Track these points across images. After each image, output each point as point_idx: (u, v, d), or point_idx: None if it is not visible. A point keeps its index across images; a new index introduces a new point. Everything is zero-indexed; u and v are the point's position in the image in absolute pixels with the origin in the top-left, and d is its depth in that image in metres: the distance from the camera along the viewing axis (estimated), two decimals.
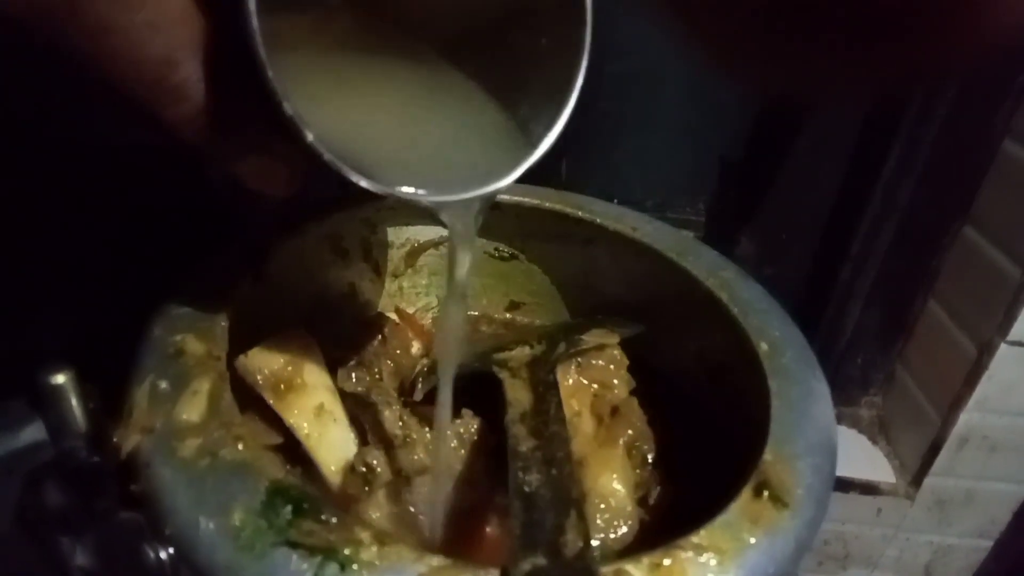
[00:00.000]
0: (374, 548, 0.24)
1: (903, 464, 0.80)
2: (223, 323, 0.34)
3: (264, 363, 0.35)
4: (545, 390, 0.36)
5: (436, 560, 0.23)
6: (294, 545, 0.24)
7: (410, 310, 0.51)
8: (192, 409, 0.28)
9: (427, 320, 0.50)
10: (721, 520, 0.26)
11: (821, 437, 0.31)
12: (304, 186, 0.39)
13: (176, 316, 0.34)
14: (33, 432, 0.26)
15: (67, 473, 0.26)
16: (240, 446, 0.27)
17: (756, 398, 0.33)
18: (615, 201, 0.49)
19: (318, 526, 0.24)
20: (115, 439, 0.27)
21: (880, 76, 0.23)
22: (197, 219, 0.47)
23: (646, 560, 0.24)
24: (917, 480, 0.77)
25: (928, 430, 0.75)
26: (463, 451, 0.37)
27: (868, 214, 0.70)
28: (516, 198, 0.47)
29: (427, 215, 0.33)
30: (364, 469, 0.34)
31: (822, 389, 0.34)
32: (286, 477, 0.26)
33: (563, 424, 0.33)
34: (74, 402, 0.26)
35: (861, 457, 0.80)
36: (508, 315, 0.52)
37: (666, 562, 0.24)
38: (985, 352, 0.68)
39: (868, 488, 0.78)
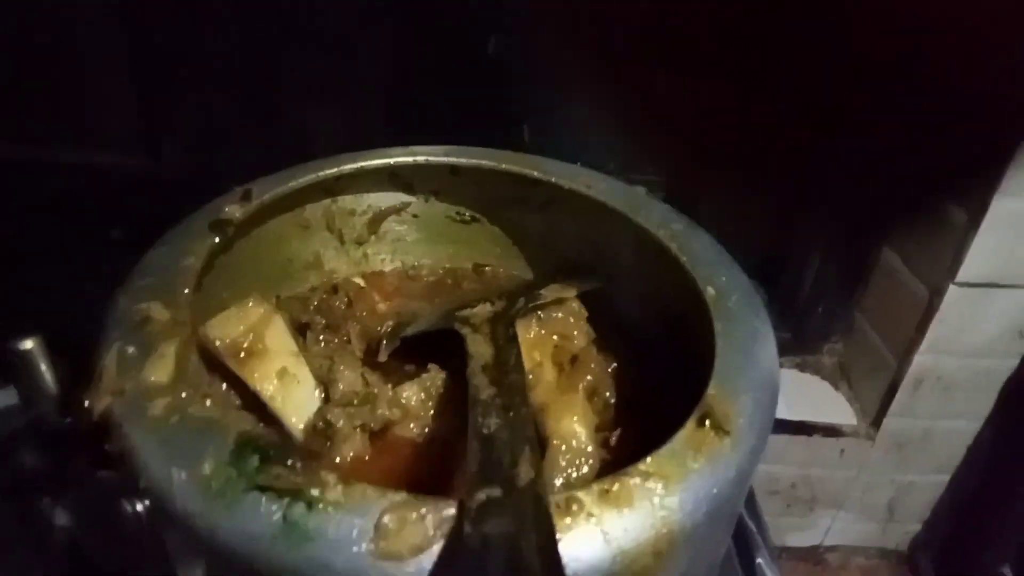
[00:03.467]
0: (339, 488, 0.25)
1: (863, 407, 0.83)
2: (186, 291, 0.35)
3: (224, 331, 0.36)
4: (505, 343, 0.37)
5: (398, 496, 0.25)
6: (263, 489, 0.25)
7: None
8: (160, 371, 0.29)
9: (392, 282, 0.51)
10: (666, 449, 0.28)
11: (763, 373, 0.33)
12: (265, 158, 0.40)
13: (141, 287, 0.34)
14: (4, 399, 0.27)
15: (41, 436, 0.27)
16: (208, 403, 0.28)
17: (705, 340, 0.35)
18: (578, 164, 0.50)
19: (285, 471, 0.26)
20: (86, 403, 0.28)
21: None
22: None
23: (596, 487, 0.26)
24: (877, 421, 0.81)
25: (886, 373, 0.78)
26: (430, 403, 0.38)
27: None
28: (474, 161, 0.48)
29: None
30: (323, 425, 0.35)
31: (765, 330, 0.36)
32: (253, 429, 0.27)
33: (522, 373, 0.35)
34: (43, 367, 0.27)
35: (823, 402, 0.84)
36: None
37: (615, 488, 0.26)
38: (936, 295, 0.70)
39: (830, 431, 0.81)
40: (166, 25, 0.64)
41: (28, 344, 0.26)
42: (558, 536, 0.24)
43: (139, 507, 0.26)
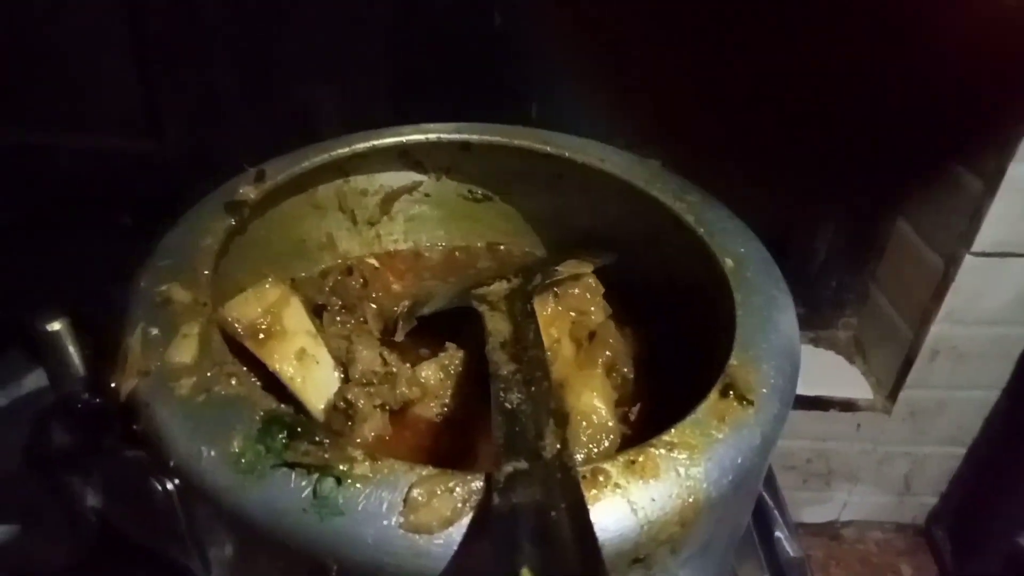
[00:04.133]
0: (367, 463, 0.25)
1: (879, 380, 0.83)
2: (206, 272, 0.35)
3: (242, 313, 0.36)
4: (523, 319, 0.37)
5: (425, 470, 0.25)
6: (292, 465, 0.25)
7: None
8: (184, 351, 0.30)
9: (406, 261, 0.51)
10: (691, 419, 0.28)
11: (783, 341, 0.33)
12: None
13: (161, 268, 0.35)
14: (35, 380, 0.27)
15: (71, 415, 0.27)
16: (233, 381, 0.28)
17: (724, 311, 0.35)
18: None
19: (313, 447, 0.26)
20: (113, 384, 0.29)
21: None
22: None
23: (621, 459, 0.26)
24: (893, 394, 0.81)
25: (901, 345, 0.78)
26: (448, 382, 0.39)
27: None
28: (485, 137, 0.48)
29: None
30: (344, 405, 0.35)
31: (784, 299, 0.36)
32: (279, 407, 0.27)
33: (541, 348, 0.35)
34: (71, 348, 0.27)
35: (838, 376, 0.83)
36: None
37: (640, 459, 0.26)
38: (951, 264, 0.70)
39: (846, 405, 0.81)
40: (166, 5, 0.64)
41: (56, 325, 0.26)
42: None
43: (168, 485, 0.27)
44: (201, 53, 0.64)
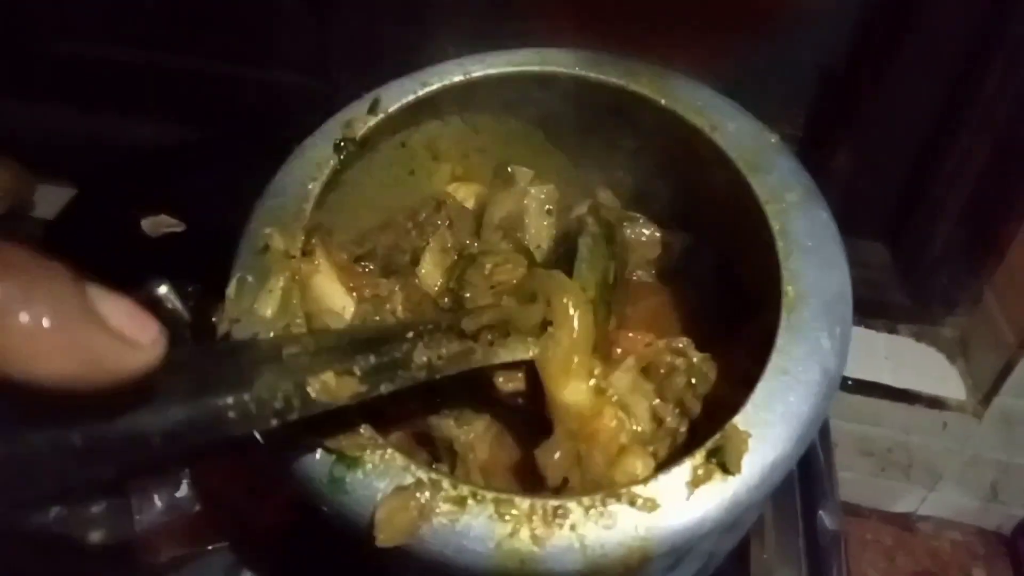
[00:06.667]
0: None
1: (976, 383, 0.78)
2: (304, 216, 0.39)
3: None
4: None
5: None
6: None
7: None
8: (267, 305, 0.36)
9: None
10: (665, 477, 0.30)
11: (802, 407, 0.32)
12: None
13: (269, 208, 0.40)
14: None
15: None
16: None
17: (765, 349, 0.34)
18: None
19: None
20: (214, 320, 0.36)
21: None
22: None
23: (586, 501, 0.29)
24: (987, 399, 0.76)
25: (1004, 351, 0.73)
26: None
27: (964, 131, 0.66)
28: (603, 77, 0.46)
29: None
30: None
31: (834, 351, 0.33)
32: None
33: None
34: (177, 304, 0.34)
35: (934, 373, 0.79)
36: None
37: (604, 507, 0.29)
38: None
39: (934, 402, 0.78)
40: None
41: (162, 290, 0.33)
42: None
43: None
44: (368, 6, 0.72)
